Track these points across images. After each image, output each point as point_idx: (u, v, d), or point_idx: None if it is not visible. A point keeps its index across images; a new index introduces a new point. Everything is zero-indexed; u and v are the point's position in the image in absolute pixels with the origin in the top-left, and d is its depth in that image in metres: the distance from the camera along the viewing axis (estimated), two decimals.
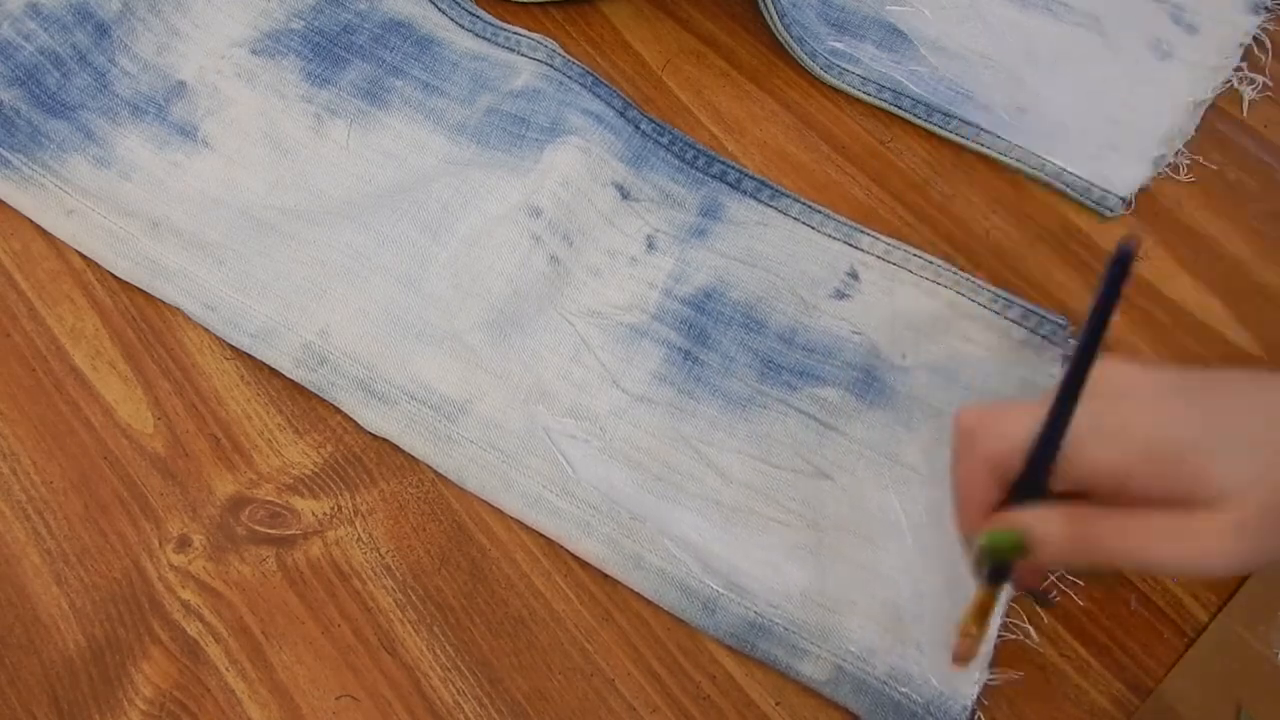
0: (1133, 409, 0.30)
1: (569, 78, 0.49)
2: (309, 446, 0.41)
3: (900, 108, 0.51)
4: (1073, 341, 0.44)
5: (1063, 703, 0.38)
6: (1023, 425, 0.30)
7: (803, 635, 0.38)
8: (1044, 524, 0.30)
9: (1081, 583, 0.40)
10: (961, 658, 0.33)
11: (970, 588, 0.39)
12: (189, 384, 0.42)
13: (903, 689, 0.37)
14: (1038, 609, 0.39)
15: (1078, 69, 0.53)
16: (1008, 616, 0.39)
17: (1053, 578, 0.40)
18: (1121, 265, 0.27)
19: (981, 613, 0.33)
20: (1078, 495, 0.30)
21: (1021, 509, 0.30)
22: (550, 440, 0.41)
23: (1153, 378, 0.31)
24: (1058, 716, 0.38)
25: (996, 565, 0.32)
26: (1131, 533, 0.29)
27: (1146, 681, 0.39)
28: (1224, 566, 0.28)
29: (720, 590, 0.39)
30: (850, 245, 0.46)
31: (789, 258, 0.46)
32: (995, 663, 0.38)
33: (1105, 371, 0.30)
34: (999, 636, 0.38)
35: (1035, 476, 0.30)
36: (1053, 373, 0.44)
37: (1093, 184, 0.49)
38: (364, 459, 0.41)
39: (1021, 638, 0.39)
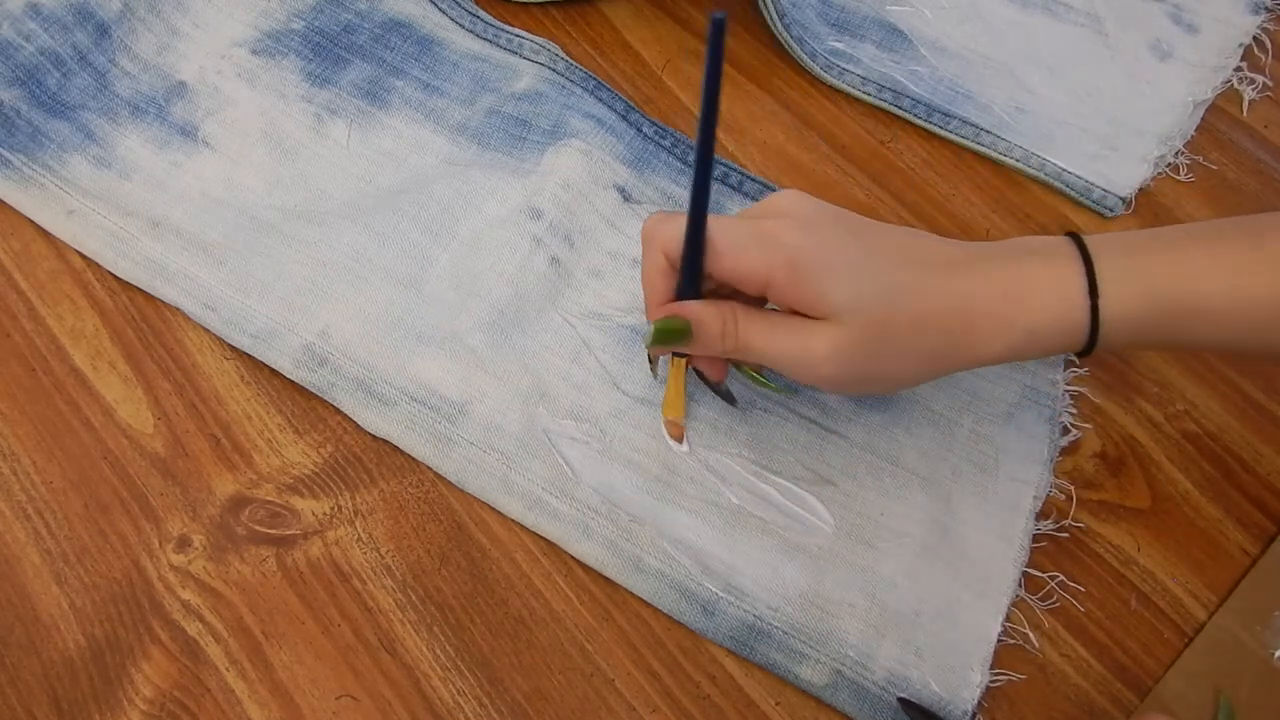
0: (788, 225, 0.34)
1: (571, 81, 0.49)
2: (309, 446, 0.41)
3: (900, 108, 0.51)
4: None
5: (1063, 703, 0.38)
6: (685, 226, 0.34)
7: (801, 639, 0.38)
8: (701, 313, 0.35)
9: (1083, 589, 0.40)
10: (677, 436, 0.41)
11: (963, 591, 0.40)
12: (189, 384, 0.42)
13: (902, 693, 0.37)
14: (1037, 609, 0.40)
15: (1078, 69, 0.53)
16: (1008, 621, 0.39)
17: (1052, 584, 0.40)
18: (716, 33, 0.29)
19: (676, 395, 0.40)
20: (733, 296, 0.36)
21: (686, 303, 0.35)
22: (550, 442, 0.41)
23: (814, 205, 0.35)
24: (1057, 716, 0.38)
25: (668, 349, 0.37)
26: (766, 329, 0.34)
27: (1146, 681, 0.39)
28: (828, 373, 0.34)
29: (719, 593, 0.39)
30: None
31: None
32: (995, 664, 0.38)
33: (775, 196, 0.36)
34: (999, 640, 0.38)
35: (689, 274, 0.35)
36: (1054, 379, 0.44)
37: (1093, 184, 0.49)
38: (364, 459, 0.41)
39: (1020, 642, 0.39)
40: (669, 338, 0.36)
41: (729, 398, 0.42)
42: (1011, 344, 0.34)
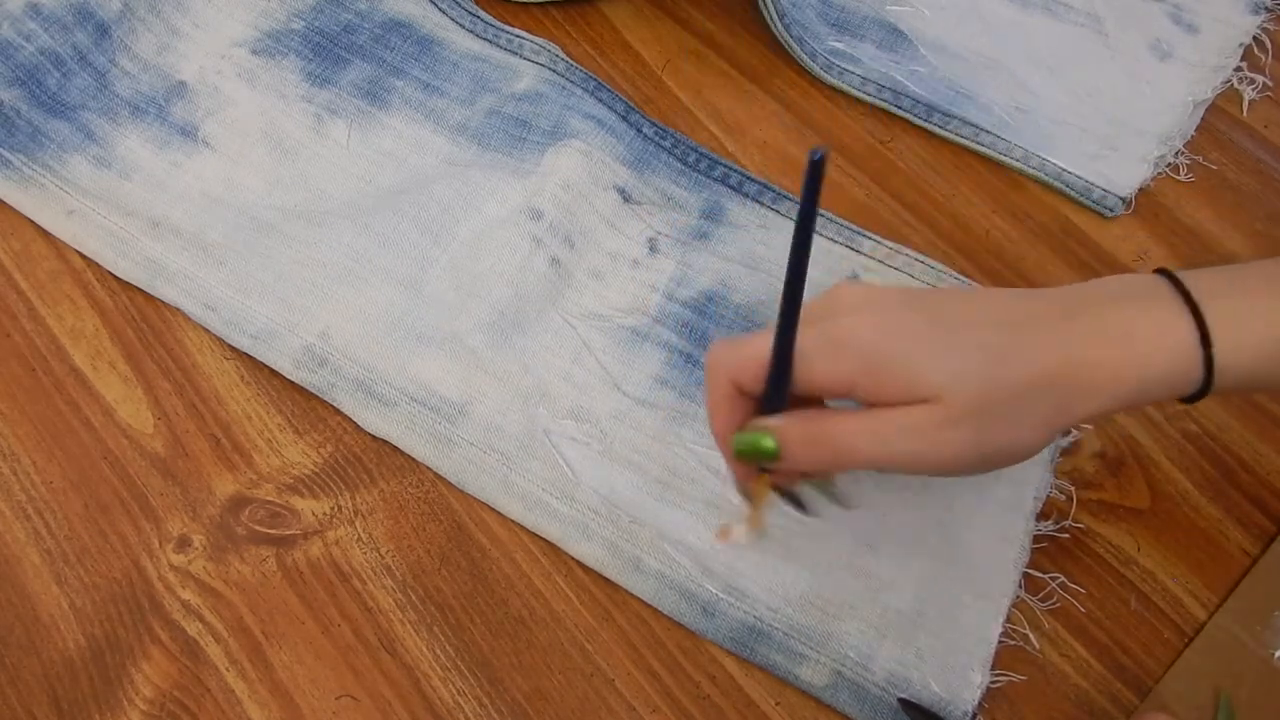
0: (855, 322, 0.32)
1: (571, 82, 0.49)
2: (309, 446, 0.41)
3: (900, 108, 0.51)
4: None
5: (1062, 703, 0.38)
6: (761, 348, 0.32)
7: (801, 640, 0.38)
8: (785, 425, 0.32)
9: (1083, 589, 0.40)
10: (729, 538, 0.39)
11: (963, 592, 0.40)
12: (189, 384, 0.42)
13: (903, 694, 0.37)
14: (1035, 608, 0.40)
15: (1078, 69, 0.53)
16: (1008, 622, 0.39)
17: (1053, 585, 0.40)
18: (816, 171, 0.29)
19: (758, 512, 0.37)
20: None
21: (769, 418, 0.33)
22: (550, 443, 0.41)
23: (878, 294, 0.33)
24: (1057, 717, 0.38)
25: (750, 464, 0.34)
26: (859, 428, 0.31)
27: (1146, 681, 0.39)
28: (941, 456, 0.31)
29: (719, 594, 0.39)
30: (852, 249, 0.46)
31: None
32: (996, 665, 0.38)
33: (835, 292, 0.33)
34: (999, 641, 0.38)
35: (775, 391, 0.33)
36: None
37: (1093, 184, 0.49)
38: (364, 459, 0.41)
39: (1021, 643, 0.39)
40: (754, 455, 0.33)
41: (800, 506, 0.39)
42: (1123, 397, 0.32)
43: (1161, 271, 0.34)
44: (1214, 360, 0.32)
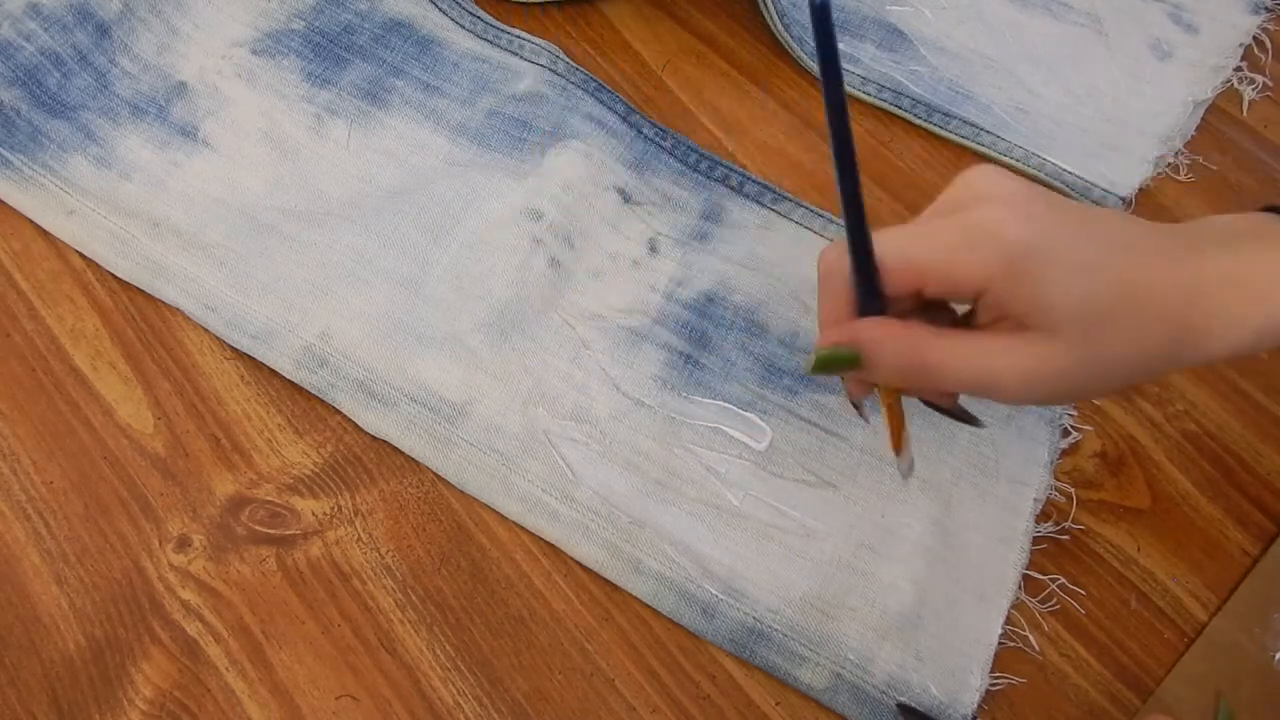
0: (1005, 216, 0.29)
1: (572, 83, 0.49)
2: (309, 446, 0.41)
3: (900, 108, 0.51)
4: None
5: (1062, 703, 0.38)
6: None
7: (801, 641, 0.38)
8: (875, 332, 0.30)
9: (1083, 590, 0.40)
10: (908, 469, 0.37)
11: (963, 594, 0.40)
12: (189, 384, 0.42)
13: (902, 698, 0.37)
14: (1035, 611, 0.40)
15: (1078, 69, 0.53)
16: (1008, 623, 0.39)
17: (1054, 586, 0.40)
18: (821, 16, 0.27)
19: (897, 431, 0.35)
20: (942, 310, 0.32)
21: (857, 322, 0.31)
22: (550, 443, 0.41)
23: (1021, 185, 0.30)
24: (1057, 716, 0.38)
25: (831, 374, 0.33)
26: (960, 348, 0.30)
27: (1146, 681, 0.39)
28: (1032, 395, 0.30)
29: (719, 595, 0.39)
30: None
31: (791, 261, 0.46)
32: (996, 666, 0.38)
33: (973, 175, 0.31)
34: (999, 644, 0.39)
35: (864, 294, 0.30)
36: None
37: (1093, 184, 0.49)
38: (364, 459, 0.41)
39: (1020, 645, 0.39)
40: (832, 364, 0.31)
41: (969, 418, 0.36)
42: (1238, 344, 0.30)
43: (1273, 209, 0.32)
44: None
